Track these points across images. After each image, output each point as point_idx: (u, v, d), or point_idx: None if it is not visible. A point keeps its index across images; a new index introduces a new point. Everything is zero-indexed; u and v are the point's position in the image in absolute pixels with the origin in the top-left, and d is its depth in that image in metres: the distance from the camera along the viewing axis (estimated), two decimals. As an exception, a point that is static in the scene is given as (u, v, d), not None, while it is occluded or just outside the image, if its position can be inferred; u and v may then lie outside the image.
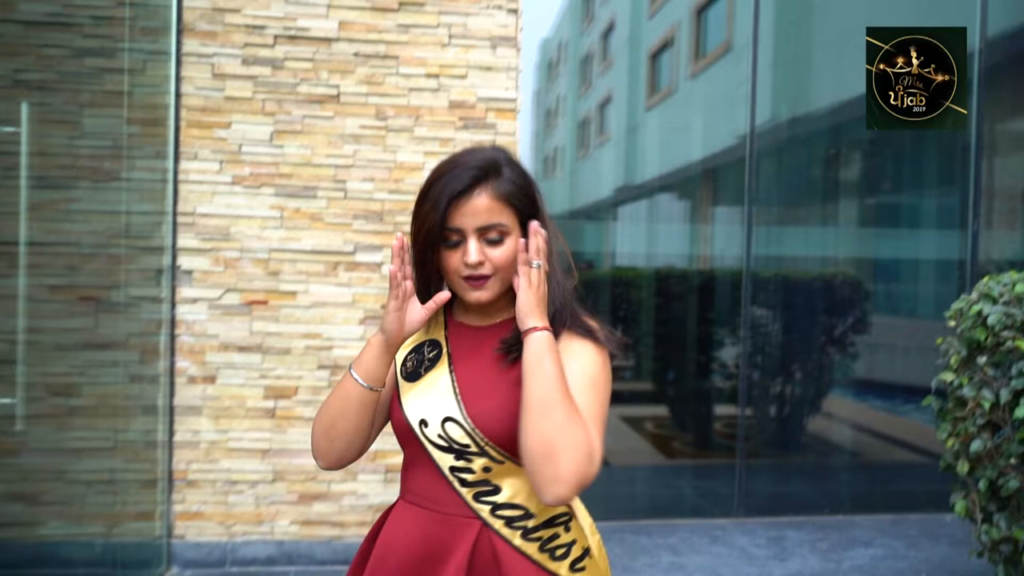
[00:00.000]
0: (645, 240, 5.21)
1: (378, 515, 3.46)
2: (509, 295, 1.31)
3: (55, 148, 3.29)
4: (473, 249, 1.24)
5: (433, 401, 1.27)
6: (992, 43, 4.23)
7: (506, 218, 1.26)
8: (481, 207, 1.23)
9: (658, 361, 4.67)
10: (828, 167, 5.00)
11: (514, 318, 1.27)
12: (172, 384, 3.41)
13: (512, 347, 1.27)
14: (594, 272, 4.76)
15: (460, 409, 1.24)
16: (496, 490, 1.25)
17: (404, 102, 3.50)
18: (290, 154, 3.44)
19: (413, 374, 1.32)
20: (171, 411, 3.41)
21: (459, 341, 1.33)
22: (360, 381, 1.28)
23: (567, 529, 1.29)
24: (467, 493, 1.24)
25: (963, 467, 2.72)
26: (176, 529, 3.43)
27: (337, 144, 3.46)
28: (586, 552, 1.31)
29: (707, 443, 4.57)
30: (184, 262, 3.40)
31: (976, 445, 2.63)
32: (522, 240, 1.23)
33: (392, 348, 1.30)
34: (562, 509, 1.29)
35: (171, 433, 3.41)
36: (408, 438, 1.29)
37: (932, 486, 4.22)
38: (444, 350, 1.32)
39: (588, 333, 1.28)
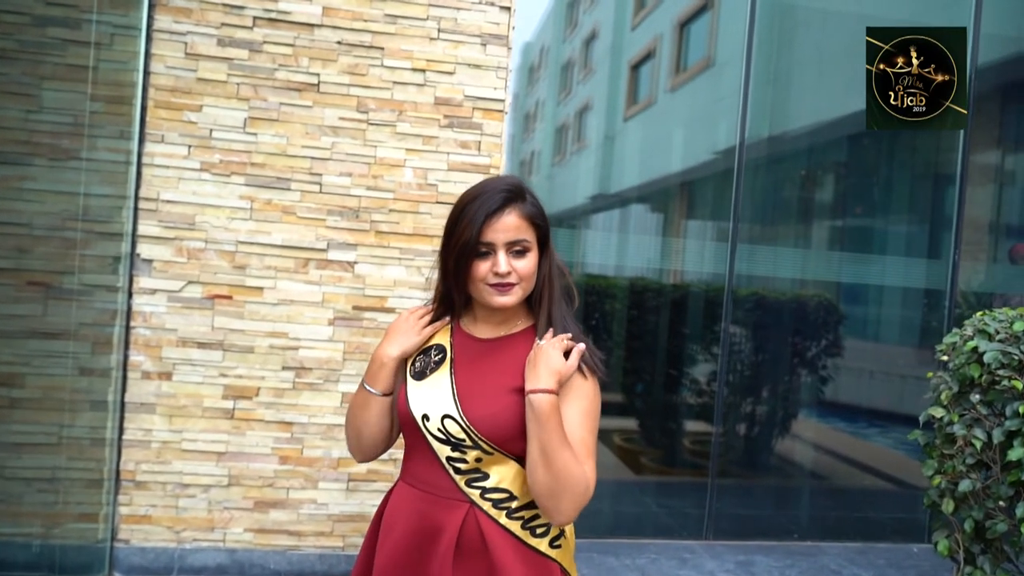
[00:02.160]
0: (618, 250, 5.04)
1: (338, 526, 3.26)
2: (512, 311, 1.47)
3: (10, 122, 3.00)
4: (503, 260, 1.39)
5: (435, 399, 1.41)
6: (981, 72, 4.13)
7: (529, 235, 1.42)
8: (511, 224, 1.39)
9: (629, 374, 4.48)
10: (807, 188, 4.87)
11: (513, 335, 1.47)
12: (124, 379, 3.12)
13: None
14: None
15: (457, 409, 1.38)
16: (485, 476, 1.39)
17: (387, 95, 3.26)
18: (264, 142, 3.18)
19: (420, 373, 1.46)
20: (122, 407, 3.12)
21: (463, 349, 1.47)
22: (377, 394, 1.47)
23: None
24: (460, 480, 1.39)
25: (948, 506, 2.56)
26: (121, 533, 3.13)
27: (314, 135, 3.21)
28: (561, 533, 1.45)
29: (677, 461, 4.40)
30: (144, 250, 3.12)
31: (965, 485, 2.47)
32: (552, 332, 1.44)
33: (404, 362, 1.51)
34: None
35: (120, 431, 3.12)
36: (411, 428, 1.43)
37: (900, 514, 4.10)
38: (448, 355, 1.46)
39: (589, 367, 1.43)
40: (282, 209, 3.20)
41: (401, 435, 1.52)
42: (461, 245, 1.39)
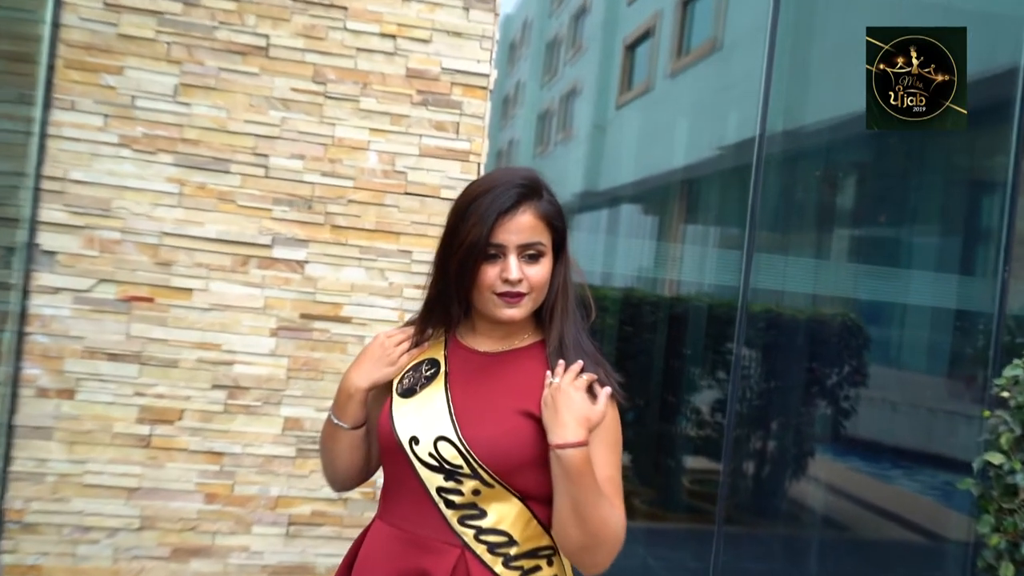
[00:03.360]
0: (607, 256, 4.94)
1: (274, 579, 3.05)
2: (518, 323, 1.44)
3: None
4: (514, 266, 1.36)
5: (426, 419, 1.38)
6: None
7: (545, 238, 1.40)
8: (525, 225, 1.37)
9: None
10: (834, 191, 4.79)
11: (518, 350, 1.46)
12: (14, 397, 2.91)
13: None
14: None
15: (455, 429, 1.35)
16: (482, 514, 1.35)
17: (350, 64, 3.11)
18: (198, 115, 3.02)
19: (408, 391, 1.44)
20: (9, 431, 2.90)
21: (460, 363, 1.45)
22: (346, 428, 1.47)
23: (549, 563, 1.38)
24: (452, 516, 1.35)
25: (1008, 570, 2.42)
26: (4, 586, 2.91)
27: (260, 108, 3.05)
28: None
29: (676, 504, 4.29)
30: (46, 240, 2.92)
31: (1029, 547, 2.34)
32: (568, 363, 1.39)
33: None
34: (546, 541, 1.38)
35: (7, 460, 2.90)
36: (395, 454, 1.39)
37: (930, 572, 4.04)
38: (442, 370, 1.44)
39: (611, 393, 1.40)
40: (218, 195, 3.04)
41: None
42: (468, 246, 1.36)
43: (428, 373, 1.44)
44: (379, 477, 1.68)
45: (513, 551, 1.35)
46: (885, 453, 4.56)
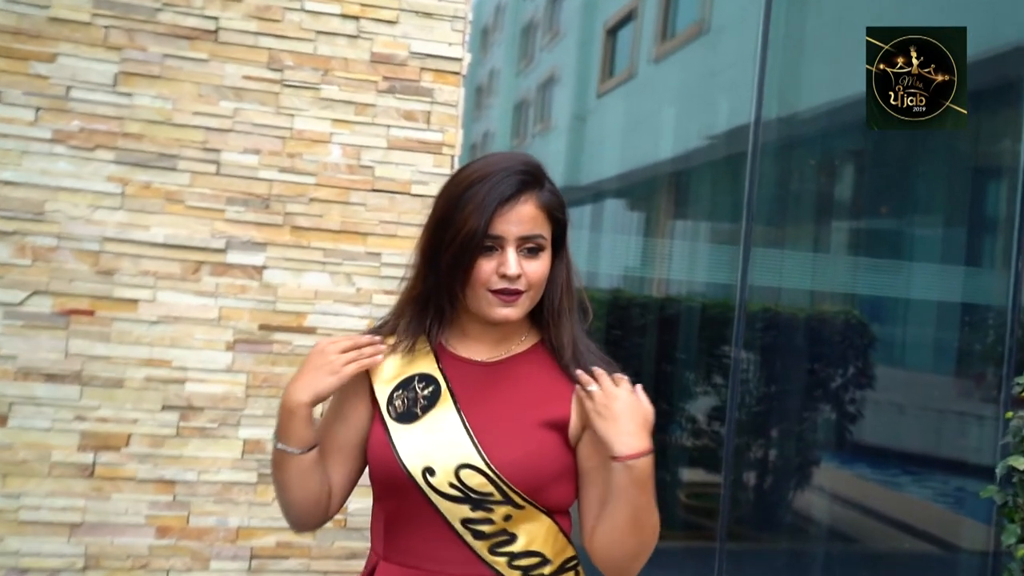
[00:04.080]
0: (591, 255, 4.95)
1: (237, 621, 2.96)
2: (515, 324, 1.42)
3: None
4: (512, 260, 1.34)
5: (441, 446, 1.35)
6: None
7: (545, 231, 1.38)
8: (526, 215, 1.35)
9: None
10: (834, 181, 4.80)
11: (518, 355, 1.44)
12: (-60, 424, 2.83)
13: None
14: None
15: (480, 455, 1.33)
16: (513, 539, 1.35)
17: (309, 49, 3.07)
18: (141, 107, 2.97)
19: (407, 414, 1.39)
20: (-65, 463, 2.82)
21: (461, 377, 1.42)
22: (294, 452, 1.38)
23: (577, 574, 1.42)
24: (482, 547, 1.33)
25: (1039, 588, 2.38)
26: (-70, 638, 2.83)
27: (210, 99, 3.01)
28: None
29: (674, 520, 4.27)
30: None
31: (1062, 561, 2.29)
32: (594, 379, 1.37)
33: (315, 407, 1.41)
34: (571, 552, 1.41)
35: (-67, 496, 2.82)
36: (403, 488, 1.35)
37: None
38: (443, 387, 1.40)
39: None
40: (165, 195, 2.99)
41: (369, 496, 1.44)
42: (464, 237, 1.32)
43: (427, 392, 1.40)
44: (351, 501, 1.59)
45: (547, 570, 1.36)
46: (893, 459, 4.62)
